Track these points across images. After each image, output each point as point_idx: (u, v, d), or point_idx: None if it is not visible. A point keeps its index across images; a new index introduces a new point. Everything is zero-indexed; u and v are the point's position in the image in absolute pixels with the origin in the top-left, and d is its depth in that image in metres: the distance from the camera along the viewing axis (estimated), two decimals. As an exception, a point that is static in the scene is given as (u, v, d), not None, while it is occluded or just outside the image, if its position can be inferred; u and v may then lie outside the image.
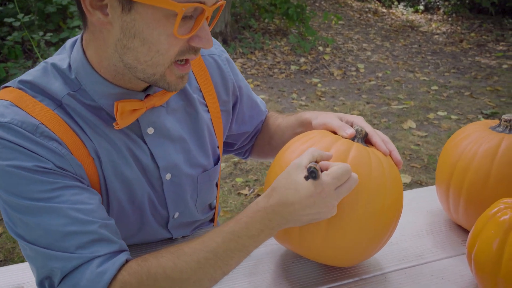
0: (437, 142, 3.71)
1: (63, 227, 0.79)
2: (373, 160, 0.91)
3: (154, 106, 0.91)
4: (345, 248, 0.91)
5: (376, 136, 0.96)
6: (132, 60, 0.81)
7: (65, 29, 4.92)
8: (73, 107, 0.86)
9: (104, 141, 0.89)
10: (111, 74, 0.86)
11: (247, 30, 6.47)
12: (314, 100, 4.63)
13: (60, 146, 0.83)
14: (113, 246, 0.82)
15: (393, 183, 0.92)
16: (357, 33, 7.49)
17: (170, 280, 0.79)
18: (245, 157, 1.30)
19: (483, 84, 5.22)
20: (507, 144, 1.05)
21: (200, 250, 0.81)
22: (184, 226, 1.10)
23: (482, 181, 1.05)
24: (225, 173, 3.19)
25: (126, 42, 0.79)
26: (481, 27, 7.87)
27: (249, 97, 1.19)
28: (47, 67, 0.87)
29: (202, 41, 0.81)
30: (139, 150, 0.93)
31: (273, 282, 0.99)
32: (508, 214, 0.89)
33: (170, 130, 0.96)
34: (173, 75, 0.84)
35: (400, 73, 5.59)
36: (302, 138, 0.98)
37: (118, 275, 0.79)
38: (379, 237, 0.93)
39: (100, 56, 0.84)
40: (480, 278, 0.92)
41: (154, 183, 0.97)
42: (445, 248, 1.11)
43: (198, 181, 1.04)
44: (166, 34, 0.77)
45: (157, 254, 0.82)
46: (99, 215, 0.82)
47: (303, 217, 0.82)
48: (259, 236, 0.82)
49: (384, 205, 0.90)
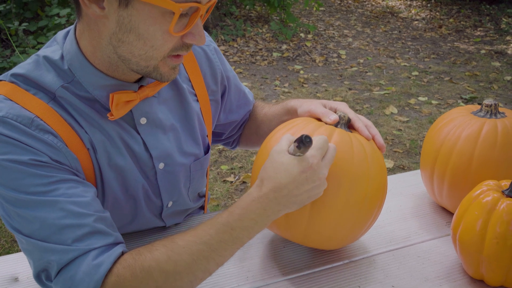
0: (419, 127, 3.77)
1: (59, 220, 0.79)
2: (355, 145, 0.93)
3: (147, 97, 0.92)
4: (329, 233, 0.94)
5: (358, 121, 0.99)
6: (126, 53, 0.81)
7: (43, 17, 4.82)
8: (67, 99, 0.86)
9: (98, 132, 0.89)
10: (105, 66, 0.86)
11: (228, 17, 6.43)
12: (296, 86, 4.66)
13: (56, 139, 0.83)
14: (108, 239, 0.82)
15: (376, 168, 0.94)
16: (338, 19, 7.51)
17: (164, 273, 0.80)
18: (232, 147, 1.32)
19: (462, 69, 5.30)
20: (488, 128, 1.09)
21: (194, 243, 0.81)
22: (177, 215, 1.11)
23: (465, 164, 1.09)
24: (210, 161, 3.20)
25: (121, 36, 0.79)
26: (459, 12, 7.96)
27: (237, 87, 1.20)
28: (39, 60, 0.87)
29: (195, 38, 0.82)
30: (132, 140, 0.94)
31: (265, 266, 1.01)
32: (490, 196, 0.93)
33: (162, 120, 0.97)
34: (166, 66, 0.85)
35: (381, 59, 5.63)
36: (286, 126, 1.00)
37: (114, 268, 0.80)
38: (363, 221, 0.95)
39: (94, 47, 0.84)
40: (465, 258, 0.96)
41: (148, 172, 0.98)
42: (430, 230, 1.15)
43: (190, 170, 1.05)
44: (162, 31, 0.78)
45: (151, 248, 0.82)
46: (94, 208, 0.83)
47: (297, 197, 0.83)
48: (253, 227, 0.82)
49: (367, 190, 0.92)
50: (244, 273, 0.99)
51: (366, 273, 1.00)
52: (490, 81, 4.91)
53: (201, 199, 1.19)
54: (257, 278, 0.98)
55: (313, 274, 0.99)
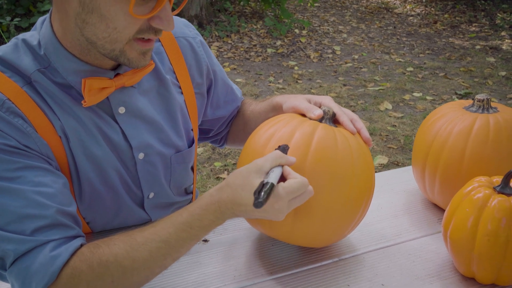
0: (413, 123, 3.75)
1: (21, 209, 0.77)
2: (340, 141, 0.91)
3: (124, 86, 0.91)
4: (314, 232, 0.92)
5: (343, 115, 0.97)
6: (91, 35, 0.80)
7: (35, 13, 4.78)
8: (42, 84, 0.85)
9: (72, 120, 0.88)
10: (77, 49, 0.85)
11: (222, 13, 6.40)
12: (291, 83, 4.63)
13: (26, 124, 0.82)
14: (69, 232, 0.81)
15: (361, 164, 0.92)
16: (332, 15, 7.49)
17: (121, 268, 0.79)
18: (220, 145, 1.30)
19: (457, 65, 5.29)
20: (480, 123, 1.07)
21: (152, 240, 0.81)
22: (161, 208, 1.09)
23: (457, 160, 1.07)
24: (204, 158, 3.18)
25: (84, 16, 0.78)
26: (454, 8, 7.95)
27: (224, 82, 1.18)
28: (18, 43, 0.87)
29: (162, 23, 0.80)
30: (111, 130, 0.92)
31: (252, 265, 0.99)
32: (481, 192, 0.91)
33: (142, 110, 0.96)
34: (133, 51, 0.83)
35: (376, 55, 5.62)
36: (270, 122, 0.98)
37: (70, 260, 0.79)
38: (348, 219, 0.93)
39: (64, 29, 0.83)
40: (455, 255, 0.94)
41: (128, 162, 0.97)
42: (421, 227, 1.13)
43: (171, 162, 1.04)
44: (124, 12, 0.77)
45: (109, 242, 0.81)
46: (60, 199, 0.81)
47: (252, 216, 0.83)
48: (210, 225, 0.83)
49: (352, 188, 0.90)
50: (230, 272, 0.97)
51: (355, 272, 0.97)
52: (485, 76, 4.90)
53: (188, 195, 1.17)
54: (243, 278, 0.96)
55: (301, 273, 0.97)
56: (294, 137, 0.90)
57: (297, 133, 0.90)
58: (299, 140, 0.89)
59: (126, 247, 0.80)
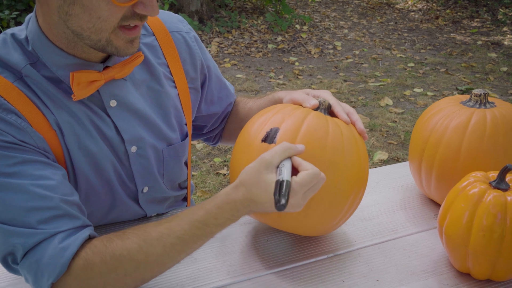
0: (414, 118, 3.74)
1: (24, 202, 0.78)
2: (332, 128, 0.91)
3: (113, 79, 0.91)
4: (301, 217, 0.92)
5: (338, 106, 0.98)
6: (75, 26, 0.80)
7: (35, 9, 4.78)
8: (33, 78, 0.85)
9: (66, 114, 0.88)
10: (64, 43, 0.84)
11: (223, 8, 6.38)
12: (291, 78, 4.62)
13: (20, 119, 0.82)
14: (75, 222, 0.81)
15: (353, 154, 0.92)
16: (334, 10, 7.46)
17: (134, 262, 0.80)
18: (213, 143, 1.30)
19: (458, 60, 5.26)
20: (477, 118, 1.06)
21: (167, 236, 0.82)
22: (156, 202, 1.09)
23: (453, 155, 1.06)
24: (203, 154, 3.18)
25: (67, 8, 0.78)
26: (456, 3, 7.91)
27: (218, 78, 1.19)
28: (6, 38, 0.86)
29: (146, 8, 0.80)
30: (103, 123, 0.92)
31: (247, 260, 0.99)
32: (477, 188, 0.90)
33: (134, 103, 0.95)
34: (119, 39, 0.83)
35: (377, 50, 5.59)
36: (264, 110, 1.00)
37: (82, 252, 0.79)
38: (336, 208, 0.93)
39: (49, 23, 0.83)
40: (451, 251, 0.93)
41: (121, 156, 0.97)
42: (418, 222, 1.12)
43: (163, 155, 1.03)
44: (106, 1, 0.76)
45: (122, 235, 0.82)
46: (61, 190, 0.81)
47: (268, 210, 0.84)
48: (225, 223, 0.85)
49: (341, 177, 0.90)
50: (225, 267, 0.97)
51: (350, 267, 0.97)
52: (486, 72, 4.88)
53: (182, 190, 1.16)
54: (238, 273, 0.95)
55: (296, 268, 0.97)
56: (284, 121, 0.92)
57: (288, 118, 0.92)
58: (289, 124, 0.91)
59: (139, 242, 0.81)
